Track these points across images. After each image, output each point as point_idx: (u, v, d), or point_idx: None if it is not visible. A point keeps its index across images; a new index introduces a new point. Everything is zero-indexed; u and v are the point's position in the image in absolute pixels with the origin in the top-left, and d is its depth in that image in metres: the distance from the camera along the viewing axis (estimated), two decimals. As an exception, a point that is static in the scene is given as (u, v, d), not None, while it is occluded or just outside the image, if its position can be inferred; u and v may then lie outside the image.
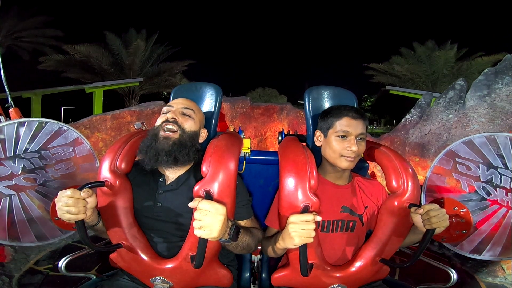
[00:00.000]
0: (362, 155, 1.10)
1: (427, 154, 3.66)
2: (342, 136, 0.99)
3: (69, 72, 10.45)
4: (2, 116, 1.76)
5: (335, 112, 1.02)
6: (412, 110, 4.12)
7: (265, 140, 5.33)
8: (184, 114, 1.02)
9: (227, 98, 5.26)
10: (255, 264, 1.37)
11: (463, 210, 1.30)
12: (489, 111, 3.17)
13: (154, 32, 10.95)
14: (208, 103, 1.25)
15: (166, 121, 0.99)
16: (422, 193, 1.53)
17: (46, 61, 10.06)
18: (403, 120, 4.17)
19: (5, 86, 1.81)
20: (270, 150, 5.42)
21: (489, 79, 3.20)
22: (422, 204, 1.32)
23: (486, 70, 3.26)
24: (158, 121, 1.02)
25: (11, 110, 1.73)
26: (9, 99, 1.77)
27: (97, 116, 4.32)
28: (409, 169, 1.03)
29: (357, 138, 0.99)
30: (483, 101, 3.21)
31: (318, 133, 1.07)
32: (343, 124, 0.99)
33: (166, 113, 1.02)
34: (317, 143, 1.07)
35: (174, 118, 0.99)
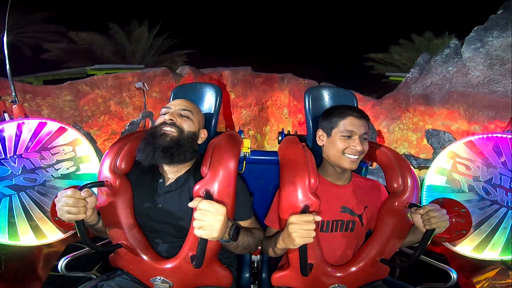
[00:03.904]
0: None
1: (432, 102, 3.81)
2: (347, 136, 0.99)
3: (72, 61, 10.43)
4: (6, 113, 1.76)
5: (339, 111, 1.02)
6: (411, 69, 4.33)
7: (266, 109, 5.31)
8: (182, 116, 1.02)
9: (227, 67, 5.25)
10: (255, 264, 1.37)
11: (463, 210, 1.30)
12: (486, 59, 3.44)
13: (156, 24, 10.98)
14: (208, 103, 1.25)
15: (164, 123, 0.99)
16: (422, 193, 1.53)
17: (49, 48, 10.07)
18: (403, 80, 4.37)
19: (10, 82, 1.82)
20: (271, 119, 5.43)
21: (480, 34, 3.53)
22: (422, 204, 1.32)
23: (475, 28, 3.58)
24: (157, 122, 1.02)
25: (14, 106, 1.74)
26: (14, 94, 1.77)
27: (99, 76, 4.35)
28: (409, 169, 1.03)
29: (361, 138, 0.99)
30: (478, 52, 3.49)
31: (320, 132, 1.07)
32: (347, 124, 0.99)
33: (164, 114, 1.02)
34: (319, 142, 1.07)
35: (172, 120, 0.99)
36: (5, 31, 1.79)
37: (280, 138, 1.29)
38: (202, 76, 5.08)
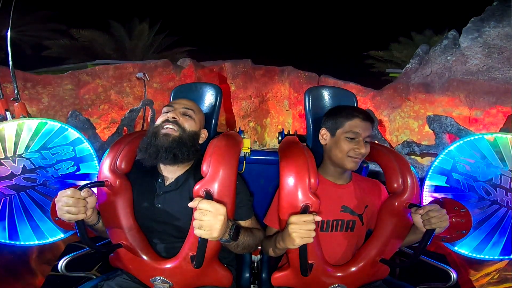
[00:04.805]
0: None
1: (433, 90, 3.92)
2: (351, 138, 0.99)
3: (73, 58, 10.42)
4: (8, 112, 1.76)
5: (346, 112, 1.02)
6: (411, 60, 4.46)
7: (266, 101, 5.36)
8: (184, 114, 1.02)
9: (228, 60, 5.33)
10: (255, 264, 1.37)
11: (463, 210, 1.29)
12: (484, 48, 3.57)
13: (156, 22, 11.00)
14: (208, 103, 1.25)
15: (166, 120, 0.99)
16: (422, 193, 1.53)
17: (49, 45, 10.08)
18: (403, 70, 4.50)
19: (13, 80, 1.82)
20: (272, 111, 5.44)
21: (477, 25, 3.65)
22: (422, 204, 1.32)
23: (472, 19, 3.70)
24: (158, 121, 1.02)
25: (16, 104, 1.74)
26: (16, 92, 1.78)
27: (100, 66, 4.41)
28: (409, 169, 1.03)
29: (364, 141, 0.99)
30: (476, 42, 3.61)
31: (323, 131, 1.06)
32: (353, 125, 0.99)
33: (167, 113, 1.02)
34: (322, 142, 1.07)
35: (174, 118, 0.99)
36: (9, 28, 1.80)
37: (280, 138, 1.29)
38: (203, 68, 5.08)
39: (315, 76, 5.35)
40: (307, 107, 1.23)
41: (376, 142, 1.21)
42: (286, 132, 1.34)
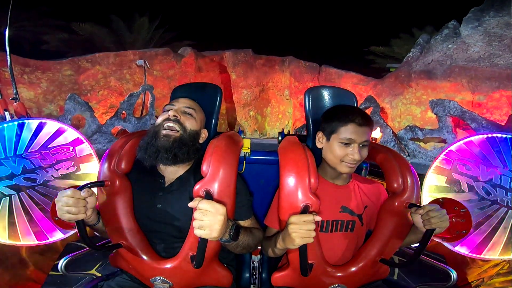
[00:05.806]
0: None
1: (435, 77, 4.02)
2: (346, 144, 0.97)
3: (72, 53, 10.40)
4: (7, 112, 1.76)
5: (341, 116, 0.99)
6: (412, 49, 4.55)
7: (266, 90, 5.40)
8: (185, 113, 1.02)
9: (229, 49, 5.40)
10: (255, 264, 1.37)
11: (463, 210, 1.30)
12: (484, 36, 3.69)
13: (156, 17, 11.01)
14: (208, 103, 1.25)
15: (168, 119, 0.99)
16: (422, 193, 1.53)
17: (48, 40, 10.06)
18: (404, 59, 4.57)
19: (12, 79, 1.82)
20: (272, 101, 5.45)
21: (477, 14, 3.77)
22: (422, 204, 1.32)
23: (472, 9, 3.84)
24: (159, 119, 1.02)
25: (15, 104, 1.74)
26: (15, 91, 1.78)
27: (101, 53, 4.44)
28: (409, 169, 1.03)
29: (360, 145, 0.97)
30: (477, 30, 3.74)
31: (320, 134, 1.06)
32: (348, 131, 0.96)
33: (168, 111, 1.02)
34: (318, 145, 1.06)
35: (176, 116, 0.99)
36: (7, 26, 1.80)
37: (280, 138, 1.29)
38: (203, 57, 5.08)
39: (316, 66, 5.34)
40: (307, 107, 1.23)
41: (376, 142, 1.21)
42: (286, 132, 1.34)
